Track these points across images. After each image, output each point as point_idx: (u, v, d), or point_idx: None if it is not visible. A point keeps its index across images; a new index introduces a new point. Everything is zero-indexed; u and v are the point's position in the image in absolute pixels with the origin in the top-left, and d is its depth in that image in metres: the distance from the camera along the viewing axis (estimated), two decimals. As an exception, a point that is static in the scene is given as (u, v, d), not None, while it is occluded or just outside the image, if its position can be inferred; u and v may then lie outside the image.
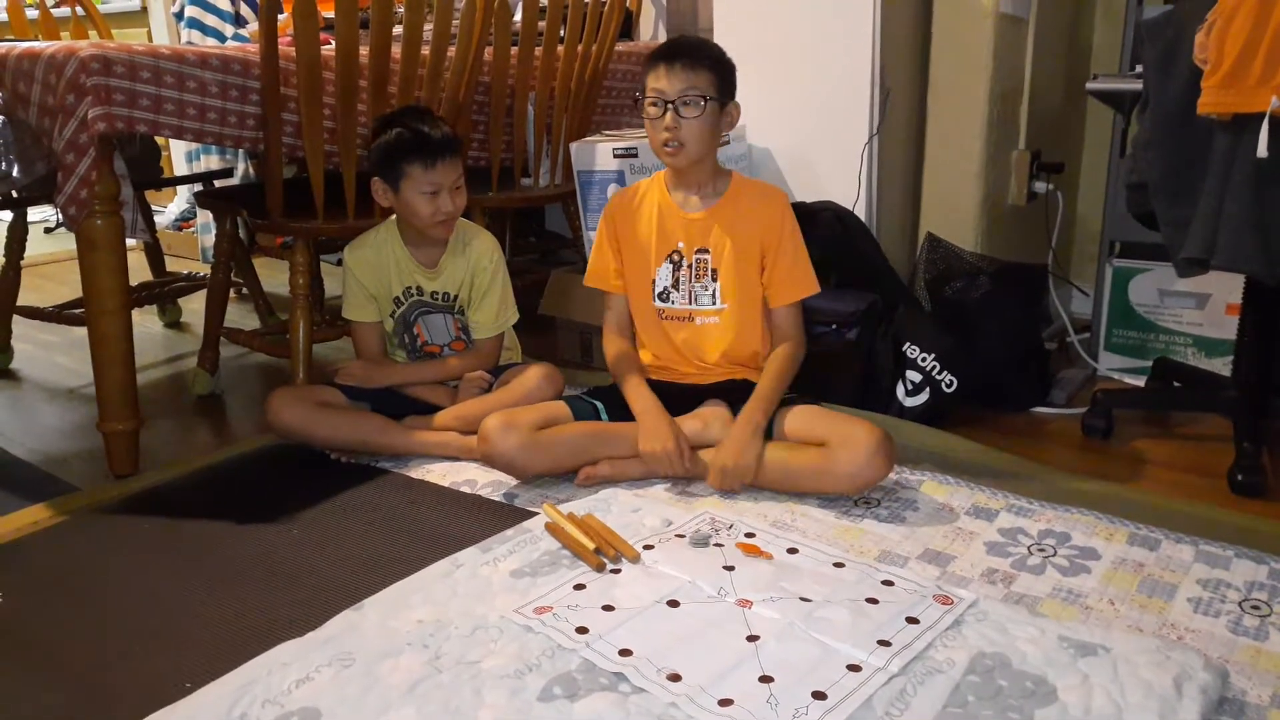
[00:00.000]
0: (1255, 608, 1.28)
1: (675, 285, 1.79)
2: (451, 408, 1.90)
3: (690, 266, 1.78)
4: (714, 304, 1.77)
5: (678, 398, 1.76)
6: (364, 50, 1.90)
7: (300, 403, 1.87)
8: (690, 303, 1.79)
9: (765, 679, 1.12)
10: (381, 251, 1.93)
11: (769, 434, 1.68)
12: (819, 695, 1.09)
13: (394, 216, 1.94)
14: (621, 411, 1.75)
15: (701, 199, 1.77)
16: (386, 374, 1.94)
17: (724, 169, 1.81)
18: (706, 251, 1.77)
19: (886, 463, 1.57)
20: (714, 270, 1.76)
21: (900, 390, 1.98)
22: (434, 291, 1.95)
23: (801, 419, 1.66)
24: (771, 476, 1.63)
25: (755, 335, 1.79)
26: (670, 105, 1.65)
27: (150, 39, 4.33)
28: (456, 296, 1.97)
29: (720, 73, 1.68)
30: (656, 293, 1.80)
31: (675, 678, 1.13)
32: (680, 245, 1.78)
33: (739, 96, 1.74)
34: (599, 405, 1.78)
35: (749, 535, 1.48)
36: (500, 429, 1.67)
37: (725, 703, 1.08)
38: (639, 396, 1.73)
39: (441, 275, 1.94)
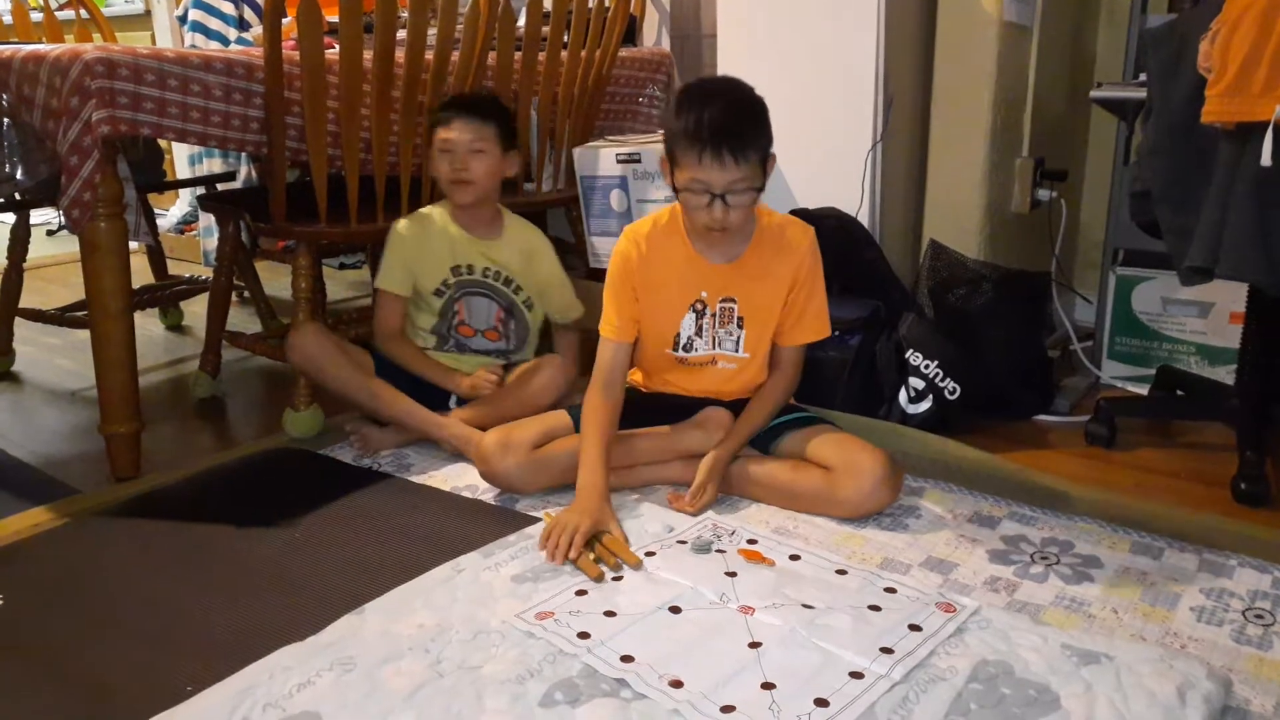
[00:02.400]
0: (1259, 617, 1.28)
1: (698, 333, 1.70)
2: (464, 410, 1.91)
3: (714, 315, 1.68)
4: (736, 351, 1.70)
5: (682, 408, 1.74)
6: (367, 54, 1.90)
7: (328, 339, 1.91)
8: (714, 347, 1.70)
9: (767, 686, 1.12)
10: (431, 229, 1.95)
11: (774, 451, 1.67)
12: (821, 702, 1.09)
13: (444, 201, 1.98)
14: (625, 418, 1.72)
15: (727, 248, 1.65)
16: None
17: None
18: (733, 301, 1.67)
19: (891, 493, 1.56)
20: (740, 318, 1.68)
21: (903, 397, 1.98)
22: (487, 269, 1.97)
23: (810, 441, 1.63)
24: (775, 496, 1.63)
25: (762, 370, 1.75)
26: (717, 198, 1.50)
27: (154, 42, 4.33)
28: (512, 280, 1.99)
29: (765, 146, 1.53)
30: (680, 344, 1.70)
31: (677, 684, 1.12)
32: (703, 294, 1.67)
33: None
34: None
35: (751, 542, 1.48)
36: (499, 449, 1.65)
37: (727, 709, 1.08)
38: (589, 472, 1.56)
39: (498, 246, 1.98)
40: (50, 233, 4.42)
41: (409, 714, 1.09)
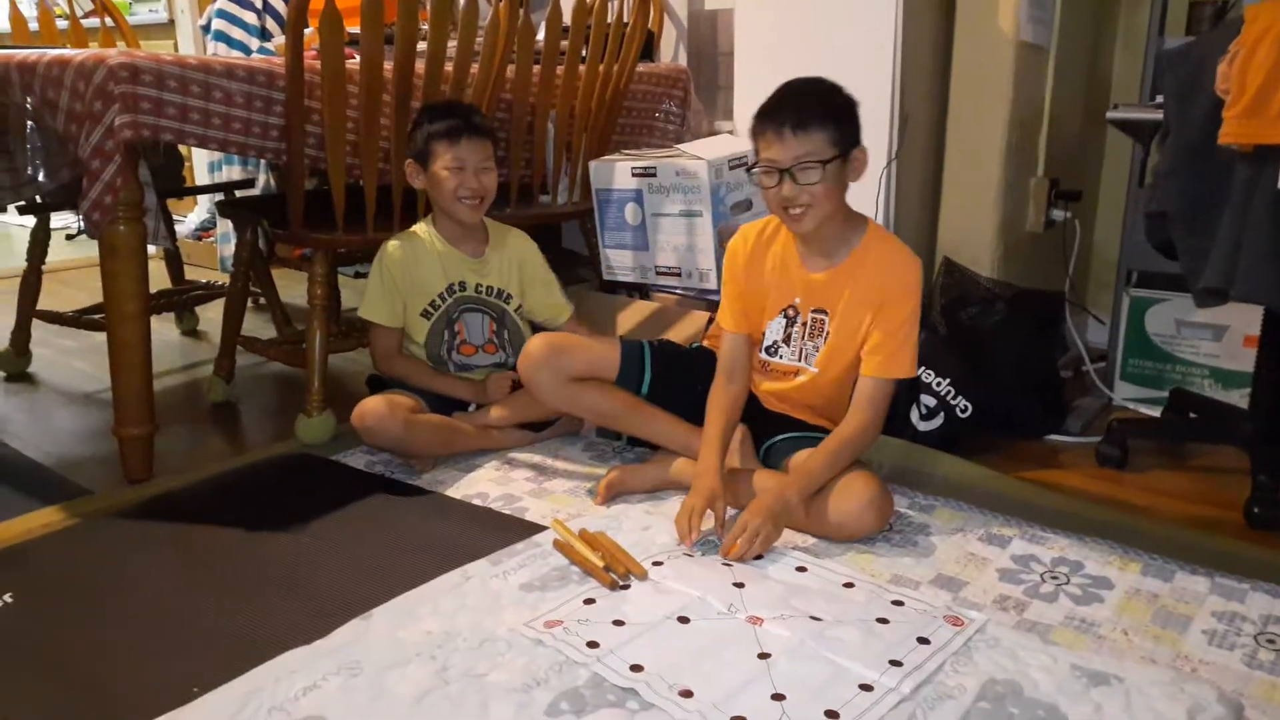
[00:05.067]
0: (1270, 641, 1.27)
1: (786, 340, 1.68)
2: (497, 409, 1.93)
3: (805, 324, 1.65)
4: (811, 365, 1.66)
5: (754, 417, 1.72)
6: (388, 65, 1.92)
7: (401, 411, 1.84)
8: (800, 360, 1.67)
9: (777, 697, 1.12)
10: (421, 249, 1.95)
11: (777, 466, 1.67)
12: (831, 714, 1.09)
13: (428, 219, 1.98)
14: (665, 390, 1.76)
15: (828, 255, 1.62)
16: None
17: (859, 216, 1.63)
18: (824, 313, 1.63)
19: (878, 518, 1.53)
20: (829, 332, 1.63)
21: (914, 414, 1.97)
22: (479, 285, 1.98)
23: (809, 457, 1.60)
24: None
25: (830, 396, 1.68)
26: (785, 174, 1.50)
27: (177, 50, 4.38)
28: (504, 291, 2.00)
29: (838, 124, 1.50)
30: (765, 346, 1.69)
31: (687, 694, 1.12)
32: (796, 300, 1.65)
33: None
34: (647, 374, 1.77)
35: (757, 555, 1.47)
36: (541, 358, 1.72)
37: (737, 720, 1.08)
38: (706, 455, 1.59)
39: (488, 267, 1.99)
40: (70, 236, 4.46)
41: (414, 720, 1.09)
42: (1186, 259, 1.65)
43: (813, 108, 1.50)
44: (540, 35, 2.31)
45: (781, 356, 1.69)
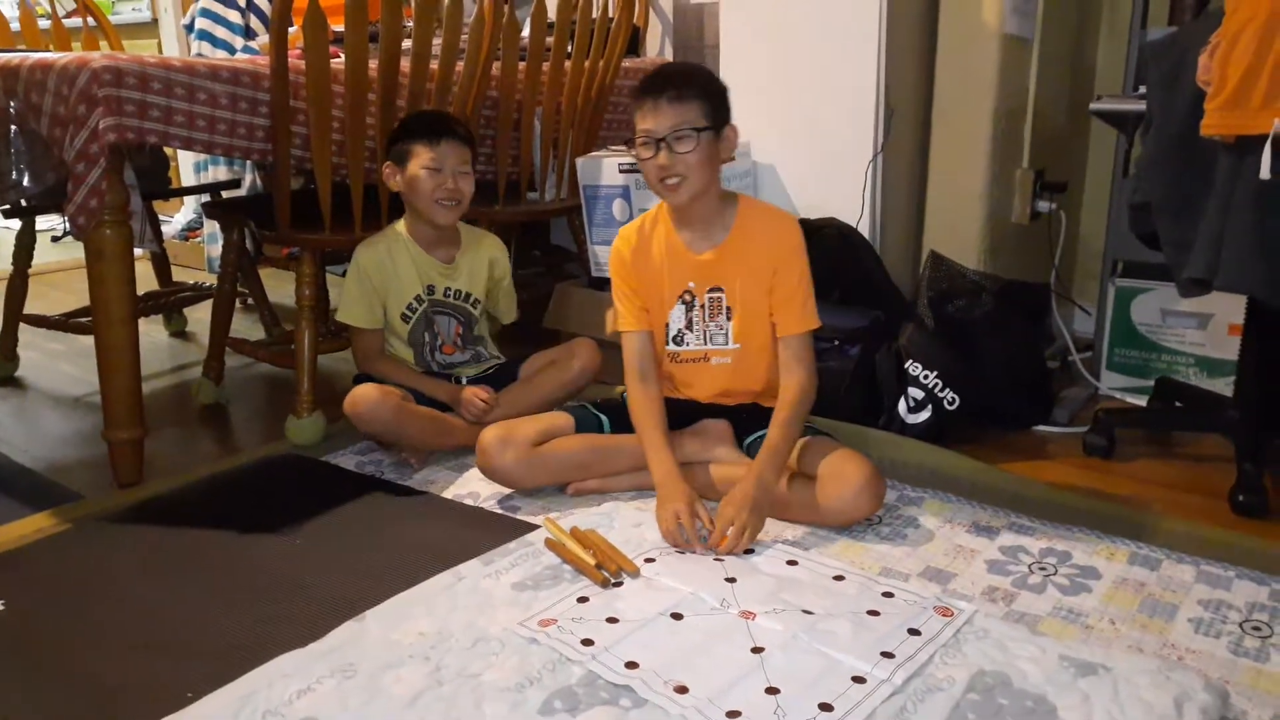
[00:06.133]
0: (1256, 629, 1.28)
1: (689, 326, 1.72)
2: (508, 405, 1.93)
3: (703, 306, 1.70)
4: (727, 344, 1.71)
5: (682, 415, 1.75)
6: (373, 64, 1.92)
7: (392, 397, 1.84)
8: (705, 343, 1.72)
9: (772, 690, 1.13)
10: (394, 252, 1.95)
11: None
12: (825, 707, 1.10)
13: (401, 221, 1.98)
14: (626, 425, 1.73)
15: (709, 236, 1.69)
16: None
17: (729, 194, 1.71)
18: (720, 290, 1.69)
19: (873, 501, 1.55)
20: (729, 309, 1.70)
21: (902, 407, 1.98)
22: (448, 289, 1.98)
23: (800, 450, 1.63)
24: None
25: (767, 366, 1.72)
26: (661, 143, 1.56)
27: (160, 50, 4.36)
28: (471, 295, 2.01)
29: (710, 99, 1.58)
30: (670, 336, 1.73)
31: (682, 689, 1.13)
32: (691, 285, 1.70)
33: (742, 115, 1.68)
34: (604, 419, 1.78)
35: (748, 550, 1.48)
36: (498, 444, 1.67)
37: (733, 714, 1.09)
38: (659, 461, 1.62)
39: (458, 271, 1.99)
40: (55, 239, 4.44)
41: (409, 720, 1.09)
42: (1170, 249, 1.66)
43: (688, 83, 1.58)
44: (525, 32, 2.31)
45: (688, 344, 1.73)
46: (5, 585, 1.48)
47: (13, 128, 1.79)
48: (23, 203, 2.40)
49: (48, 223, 4.32)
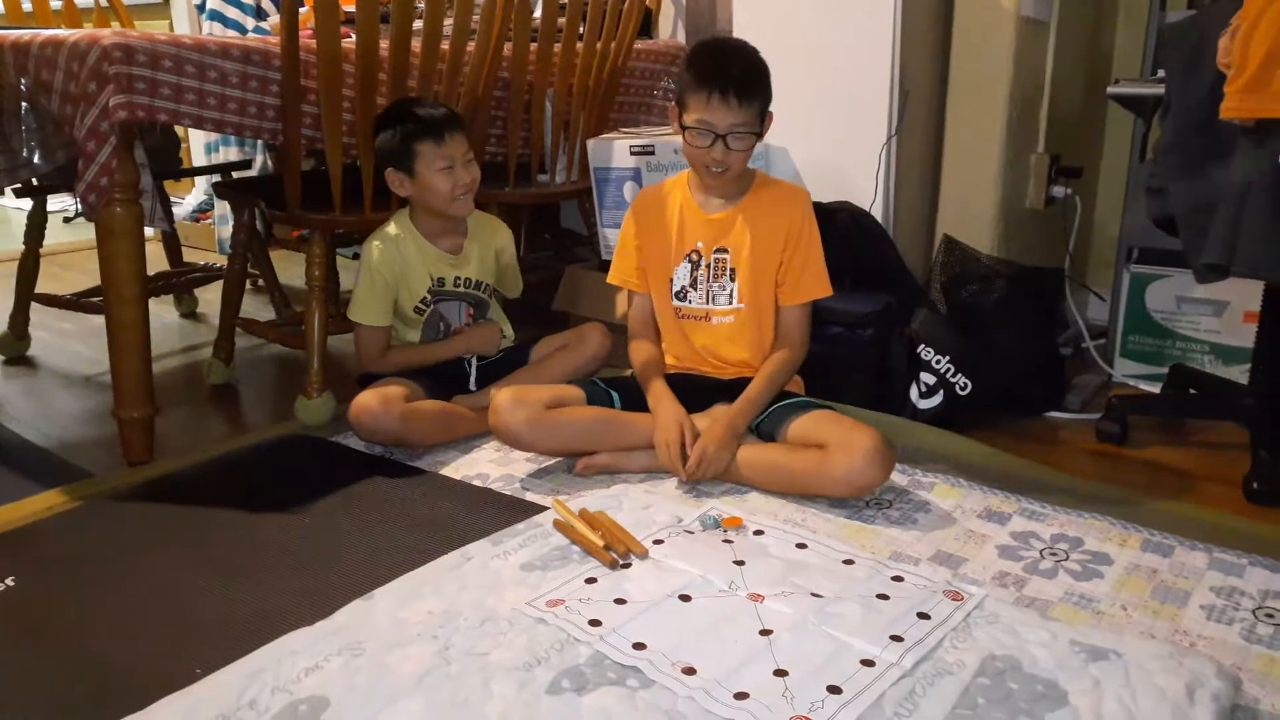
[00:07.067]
0: (1269, 616, 1.27)
1: (693, 285, 1.79)
2: (498, 386, 1.92)
3: (708, 266, 1.77)
4: (730, 304, 1.77)
5: (693, 391, 1.77)
6: (384, 44, 1.91)
7: (395, 405, 1.80)
8: (707, 302, 1.79)
9: (780, 673, 1.12)
10: (402, 247, 1.94)
11: (774, 437, 1.68)
12: (834, 689, 1.09)
13: (403, 214, 1.96)
14: (636, 403, 1.76)
15: (724, 200, 1.77)
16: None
17: (748, 169, 1.78)
18: (725, 251, 1.76)
19: (883, 468, 1.55)
20: (732, 270, 1.76)
21: (914, 392, 1.97)
22: (457, 278, 1.98)
23: (806, 423, 1.65)
24: (769, 477, 1.63)
25: (768, 332, 1.79)
26: (720, 138, 1.63)
27: (172, 30, 4.35)
28: (482, 282, 2.01)
29: (766, 98, 1.66)
30: (674, 291, 1.80)
31: (690, 671, 1.13)
32: (699, 245, 1.78)
33: None
34: (614, 395, 1.79)
35: (758, 533, 1.48)
36: (510, 404, 1.69)
37: (741, 696, 1.08)
38: (657, 395, 1.73)
39: (468, 260, 1.99)
40: (67, 219, 4.45)
41: (416, 699, 1.09)
42: (1187, 234, 1.65)
43: (754, 83, 1.63)
44: (537, 12, 2.30)
45: (690, 300, 1.80)
46: (16, 562, 1.48)
47: (23, 105, 1.79)
48: (34, 181, 2.41)
49: (59, 203, 4.33)
